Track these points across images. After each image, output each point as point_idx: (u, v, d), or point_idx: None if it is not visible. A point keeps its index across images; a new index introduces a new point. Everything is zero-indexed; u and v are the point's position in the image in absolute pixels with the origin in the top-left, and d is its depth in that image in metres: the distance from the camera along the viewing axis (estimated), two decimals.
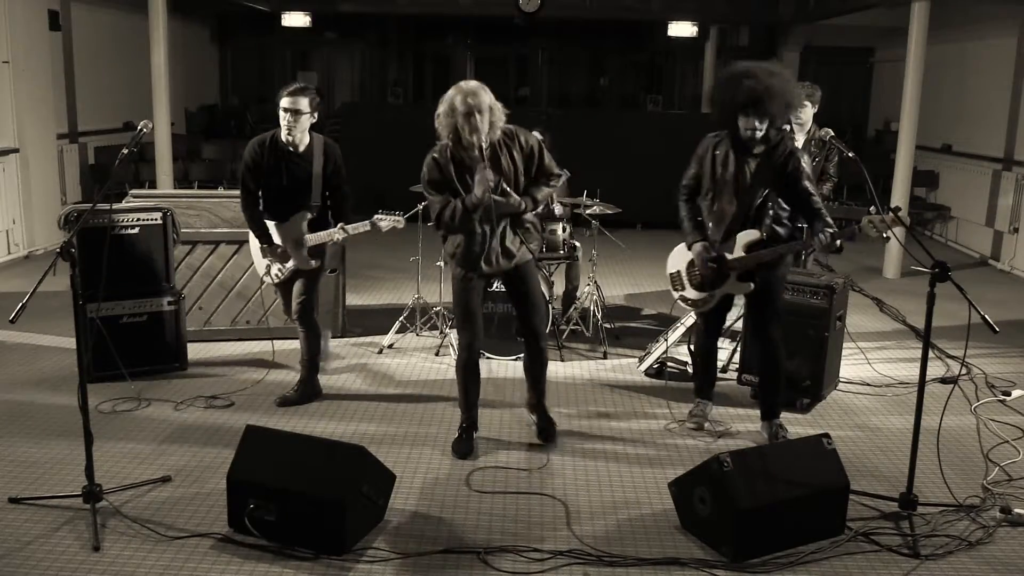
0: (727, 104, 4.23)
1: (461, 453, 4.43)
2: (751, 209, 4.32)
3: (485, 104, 4.04)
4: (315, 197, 4.76)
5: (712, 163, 4.38)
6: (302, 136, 4.71)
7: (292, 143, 4.71)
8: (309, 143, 4.76)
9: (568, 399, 5.25)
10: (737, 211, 4.33)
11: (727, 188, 4.34)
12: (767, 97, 4.09)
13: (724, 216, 4.38)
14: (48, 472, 4.14)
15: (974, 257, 9.82)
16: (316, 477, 3.51)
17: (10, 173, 8.54)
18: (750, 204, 4.31)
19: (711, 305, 4.56)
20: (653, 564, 3.49)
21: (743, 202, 4.32)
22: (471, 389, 4.52)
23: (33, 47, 8.76)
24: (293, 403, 5.02)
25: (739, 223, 4.35)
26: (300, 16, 12.59)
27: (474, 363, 4.50)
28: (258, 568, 3.40)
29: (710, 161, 4.39)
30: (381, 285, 7.93)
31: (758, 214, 4.33)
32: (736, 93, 4.16)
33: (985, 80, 10.14)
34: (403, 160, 5.47)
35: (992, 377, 5.67)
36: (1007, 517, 3.84)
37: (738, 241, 4.36)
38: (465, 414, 4.55)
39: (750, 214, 4.33)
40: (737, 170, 4.31)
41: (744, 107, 4.14)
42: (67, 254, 3.48)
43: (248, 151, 4.80)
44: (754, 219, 4.34)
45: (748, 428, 4.84)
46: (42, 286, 3.58)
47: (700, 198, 4.49)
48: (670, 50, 16.40)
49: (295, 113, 4.61)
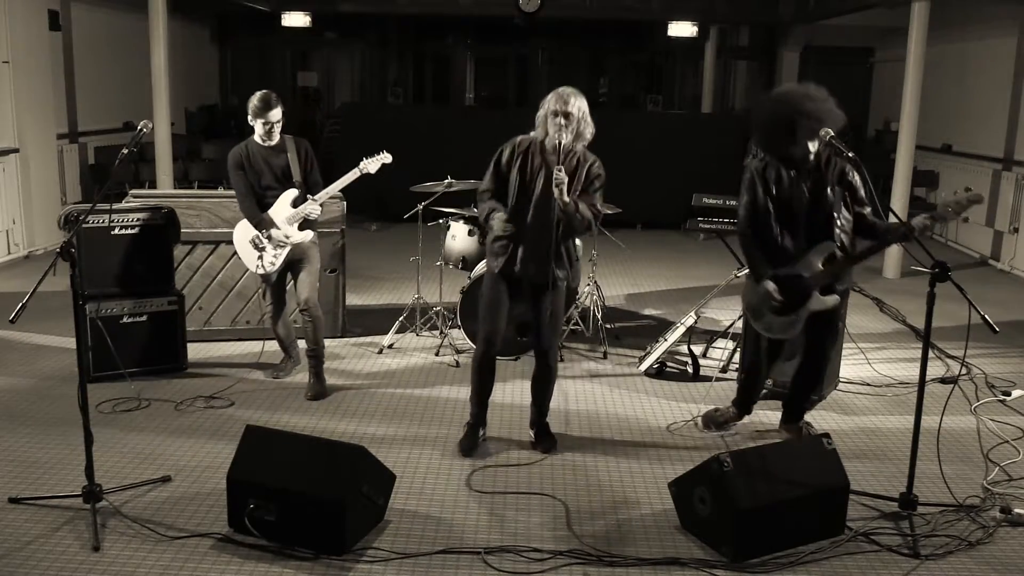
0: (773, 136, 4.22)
1: (465, 450, 4.44)
2: (818, 225, 4.25)
3: (575, 109, 4.13)
4: (296, 174, 5.12)
5: (766, 186, 4.30)
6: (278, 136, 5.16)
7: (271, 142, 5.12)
8: (281, 138, 5.17)
9: (568, 399, 5.25)
10: (804, 230, 4.27)
11: (789, 210, 4.27)
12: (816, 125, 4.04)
13: (794, 238, 4.29)
14: (48, 472, 4.14)
15: (974, 257, 9.82)
16: (316, 477, 3.51)
17: (10, 173, 8.54)
18: (815, 221, 4.25)
19: (799, 328, 4.36)
20: (653, 564, 3.49)
21: (809, 221, 4.26)
22: (484, 385, 4.48)
23: (33, 47, 8.76)
24: (323, 395, 5.17)
25: (807, 241, 4.27)
26: (300, 16, 12.59)
27: (491, 359, 4.47)
28: (258, 568, 3.40)
29: (763, 185, 4.31)
30: (381, 285, 7.93)
31: (827, 227, 4.25)
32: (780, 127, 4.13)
33: (985, 80, 10.14)
34: (403, 160, 5.46)
35: (992, 377, 5.67)
36: (1007, 517, 3.84)
37: (813, 256, 4.26)
38: (475, 409, 4.53)
39: (819, 230, 4.26)
40: (793, 191, 4.26)
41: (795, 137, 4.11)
42: (67, 254, 3.49)
43: (233, 158, 5.12)
44: (823, 234, 4.26)
45: (749, 428, 4.84)
46: (42, 286, 3.58)
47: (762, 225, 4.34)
48: (670, 50, 16.40)
49: (277, 124, 5.06)
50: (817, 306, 4.28)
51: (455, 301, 6.03)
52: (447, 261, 6.25)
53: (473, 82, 17.23)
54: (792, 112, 4.12)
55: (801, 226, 4.28)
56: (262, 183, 5.11)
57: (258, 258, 5.13)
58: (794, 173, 4.27)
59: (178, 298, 5.55)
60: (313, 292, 5.17)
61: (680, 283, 8.33)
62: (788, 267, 4.28)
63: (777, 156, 4.30)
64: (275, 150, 5.12)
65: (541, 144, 4.24)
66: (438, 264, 6.23)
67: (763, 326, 4.43)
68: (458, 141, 10.25)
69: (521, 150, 4.27)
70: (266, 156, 5.11)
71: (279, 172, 5.11)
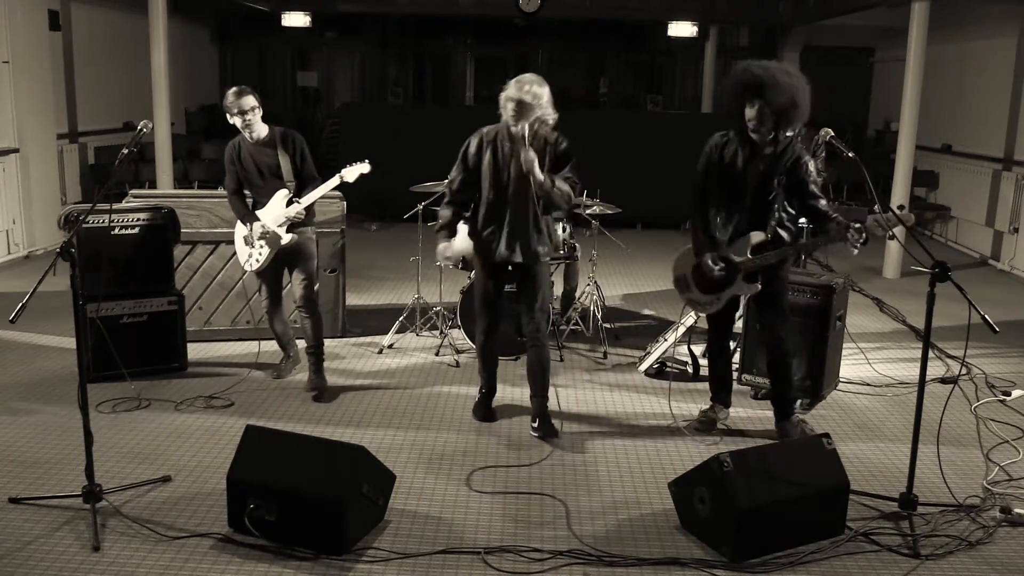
0: (731, 90, 4.27)
1: (481, 417, 4.86)
2: (759, 210, 4.33)
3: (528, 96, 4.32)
4: (287, 175, 5.04)
5: (720, 162, 4.38)
6: (260, 128, 5.04)
7: (256, 137, 5.03)
8: (269, 132, 5.08)
9: (568, 399, 5.25)
10: (745, 211, 4.35)
11: (735, 188, 4.34)
12: (770, 85, 4.09)
13: (731, 216, 4.39)
14: (48, 472, 4.14)
15: (974, 257, 9.82)
16: (316, 477, 3.51)
17: (10, 173, 8.54)
18: (758, 205, 4.32)
19: (718, 307, 4.57)
20: (653, 564, 3.49)
21: (752, 203, 4.33)
22: (488, 362, 4.88)
23: (33, 47, 8.76)
24: (323, 390, 5.18)
25: (746, 224, 4.36)
26: (300, 16, 12.58)
27: (490, 347, 4.83)
28: (258, 568, 3.40)
29: (718, 159, 4.39)
30: (381, 285, 7.93)
31: (765, 215, 4.33)
32: (741, 79, 4.21)
33: (985, 80, 10.14)
34: (403, 160, 5.48)
35: (992, 377, 5.67)
36: (1007, 517, 3.84)
37: (743, 242, 4.37)
38: (484, 376, 4.89)
39: (758, 215, 4.33)
40: (745, 170, 4.32)
41: (746, 92, 4.16)
42: (67, 254, 3.49)
43: (226, 153, 5.18)
44: (761, 220, 4.35)
45: (750, 428, 4.84)
46: (42, 286, 3.58)
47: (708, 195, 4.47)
48: (670, 50, 16.40)
49: (251, 111, 4.95)
50: (738, 291, 4.45)
51: (455, 301, 6.03)
52: None
53: (473, 82, 17.23)
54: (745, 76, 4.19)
55: (744, 207, 4.34)
56: (252, 180, 5.09)
57: (248, 255, 5.16)
58: (750, 154, 4.30)
59: (178, 298, 5.55)
60: (308, 290, 5.14)
61: None
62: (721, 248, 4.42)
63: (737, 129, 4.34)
64: (263, 146, 5.04)
65: (508, 131, 4.45)
66: (438, 264, 6.22)
67: (686, 298, 4.69)
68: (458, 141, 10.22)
69: (489, 139, 4.50)
70: (254, 153, 5.05)
71: (267, 170, 5.05)
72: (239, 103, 4.91)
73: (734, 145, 4.36)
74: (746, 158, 4.32)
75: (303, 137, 5.19)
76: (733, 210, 4.38)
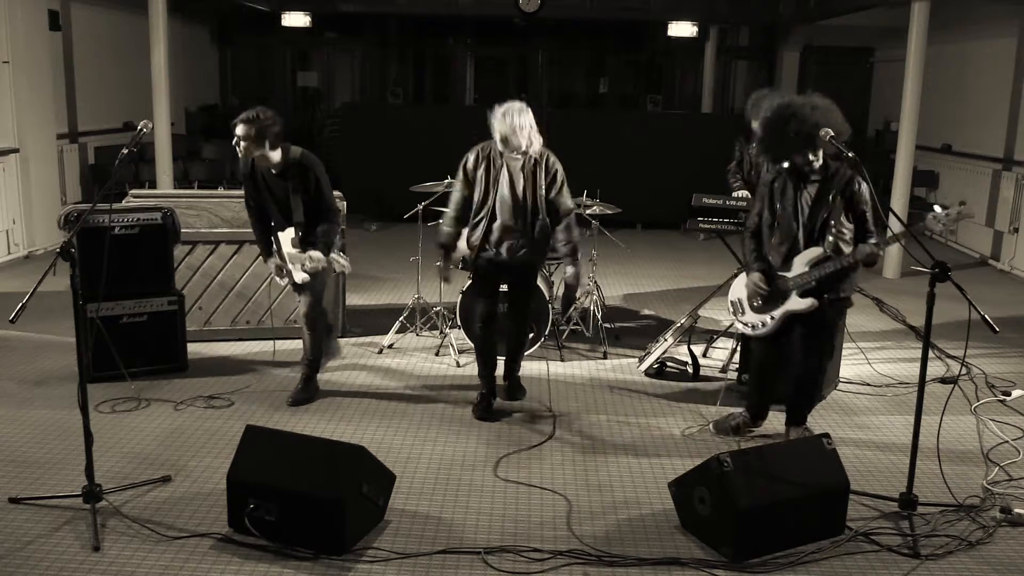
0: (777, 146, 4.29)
1: (479, 416, 4.92)
2: (813, 232, 4.29)
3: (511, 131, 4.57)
4: (297, 214, 4.80)
5: (770, 197, 4.40)
6: (272, 156, 4.75)
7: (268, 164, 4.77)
8: (283, 161, 4.79)
9: (568, 399, 5.25)
10: (798, 235, 4.32)
11: (787, 217, 4.33)
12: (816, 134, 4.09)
13: (784, 242, 4.36)
14: (48, 472, 4.14)
15: (974, 257, 9.82)
16: (316, 477, 3.51)
17: (10, 173, 8.54)
18: (811, 228, 4.29)
19: (772, 328, 4.46)
20: (653, 564, 3.49)
21: (804, 227, 4.31)
22: (487, 360, 4.98)
23: (33, 47, 8.75)
24: (304, 402, 5.07)
25: (800, 246, 4.33)
26: (300, 16, 12.58)
27: (489, 336, 4.95)
28: (258, 568, 3.40)
29: (768, 196, 4.42)
30: (381, 285, 7.93)
31: (820, 234, 4.29)
32: (784, 137, 4.20)
33: (985, 80, 10.14)
34: (403, 160, 5.48)
35: (992, 377, 5.67)
36: (1007, 517, 3.84)
37: (799, 259, 4.32)
38: (483, 373, 5.00)
39: (812, 237, 4.30)
40: (796, 198, 4.32)
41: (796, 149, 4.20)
42: (67, 254, 3.49)
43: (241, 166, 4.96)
44: (817, 240, 4.30)
45: (749, 428, 4.84)
46: (42, 286, 3.58)
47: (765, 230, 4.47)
48: (670, 50, 16.38)
49: (242, 140, 4.69)
50: (793, 307, 4.37)
51: (455, 301, 6.03)
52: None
53: (473, 82, 17.23)
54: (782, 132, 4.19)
55: (798, 234, 4.32)
56: (266, 204, 4.93)
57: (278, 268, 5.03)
58: (799, 182, 4.31)
59: (178, 298, 5.55)
60: (311, 309, 4.99)
61: (680, 283, 8.33)
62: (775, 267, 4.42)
63: (774, 159, 4.40)
64: (277, 176, 4.81)
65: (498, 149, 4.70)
66: (438, 264, 6.22)
67: (742, 321, 4.63)
68: (458, 141, 10.20)
69: (485, 154, 4.77)
70: (267, 177, 4.84)
71: (278, 202, 4.84)
72: (235, 127, 4.71)
73: (783, 179, 4.38)
74: (795, 187, 4.33)
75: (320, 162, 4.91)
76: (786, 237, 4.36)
